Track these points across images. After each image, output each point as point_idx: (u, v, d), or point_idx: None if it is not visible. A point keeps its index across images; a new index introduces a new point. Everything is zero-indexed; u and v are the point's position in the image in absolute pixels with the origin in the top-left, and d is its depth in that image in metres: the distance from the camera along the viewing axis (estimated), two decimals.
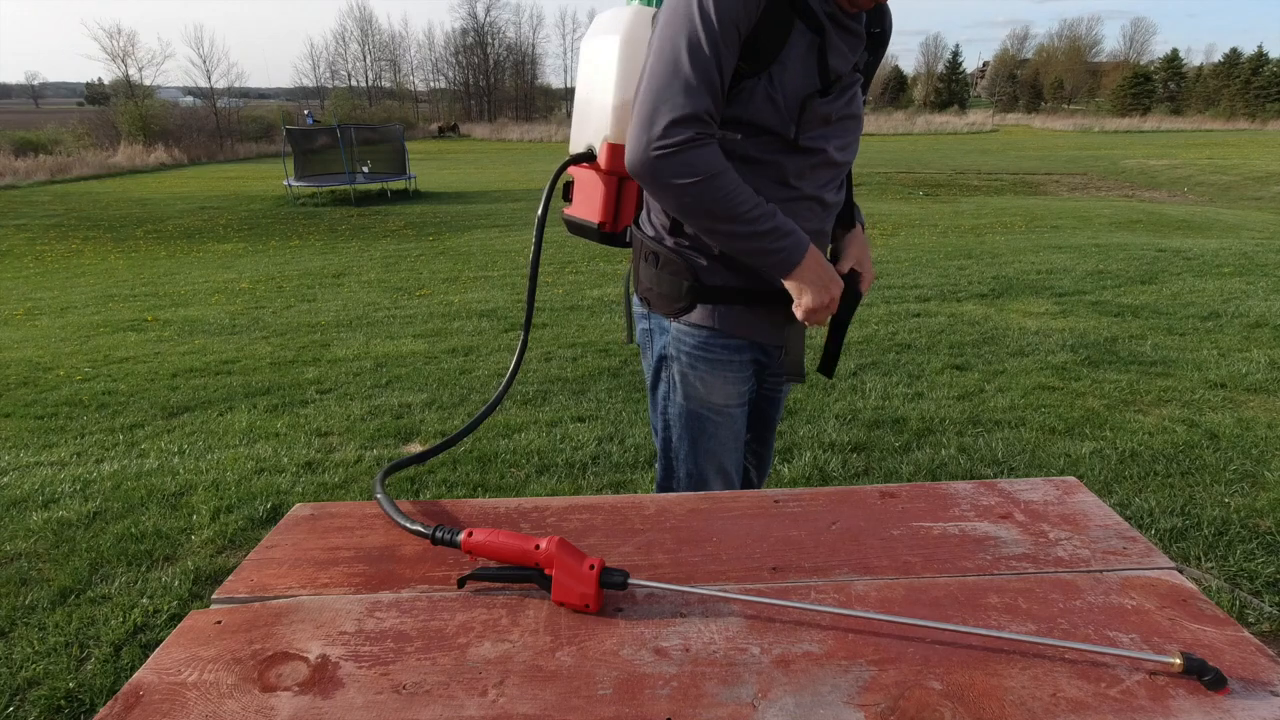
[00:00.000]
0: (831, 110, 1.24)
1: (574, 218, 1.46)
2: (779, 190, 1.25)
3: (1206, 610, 0.83)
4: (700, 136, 1.14)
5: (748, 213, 1.17)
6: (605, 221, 1.42)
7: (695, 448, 1.41)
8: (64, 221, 15.24)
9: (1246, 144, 31.04)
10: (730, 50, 1.14)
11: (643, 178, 1.18)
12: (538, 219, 1.39)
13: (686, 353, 1.36)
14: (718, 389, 1.38)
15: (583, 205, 1.43)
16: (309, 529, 1.05)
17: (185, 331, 5.87)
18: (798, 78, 1.18)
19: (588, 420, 3.50)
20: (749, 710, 0.71)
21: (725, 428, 1.41)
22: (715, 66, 1.13)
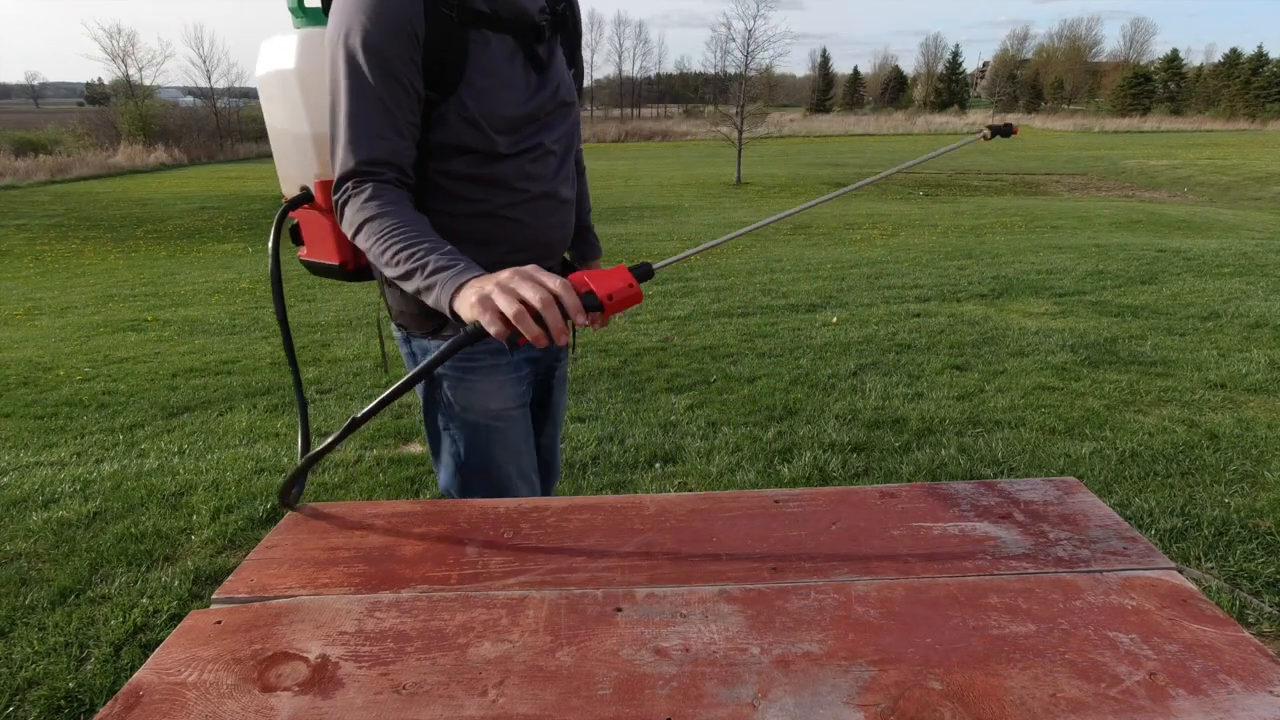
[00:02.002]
0: (538, 107, 1.22)
1: (313, 261, 1.40)
2: (509, 195, 1.23)
3: (1206, 610, 0.83)
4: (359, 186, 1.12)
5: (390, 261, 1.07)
6: (346, 260, 1.35)
7: (490, 459, 1.34)
8: (64, 221, 15.25)
9: (1246, 144, 31.05)
10: (391, 85, 1.10)
11: None
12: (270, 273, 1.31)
13: (452, 367, 1.30)
14: (494, 396, 1.32)
15: (317, 247, 1.37)
16: (309, 529, 1.05)
17: (185, 331, 5.87)
18: (493, 90, 1.16)
19: (588, 420, 3.50)
20: (749, 710, 0.71)
21: (511, 432, 1.36)
22: (380, 113, 1.10)
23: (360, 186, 1.12)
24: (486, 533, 1.03)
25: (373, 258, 1.10)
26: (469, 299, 0.96)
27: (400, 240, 1.07)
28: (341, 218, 1.14)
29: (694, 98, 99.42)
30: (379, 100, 1.10)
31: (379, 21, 1.07)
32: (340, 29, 1.09)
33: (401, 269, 1.06)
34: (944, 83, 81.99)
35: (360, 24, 1.07)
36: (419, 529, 1.04)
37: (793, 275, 7.15)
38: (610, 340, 4.90)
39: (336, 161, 1.13)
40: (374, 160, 1.12)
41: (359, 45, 1.08)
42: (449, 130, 1.16)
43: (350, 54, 1.09)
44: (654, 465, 3.00)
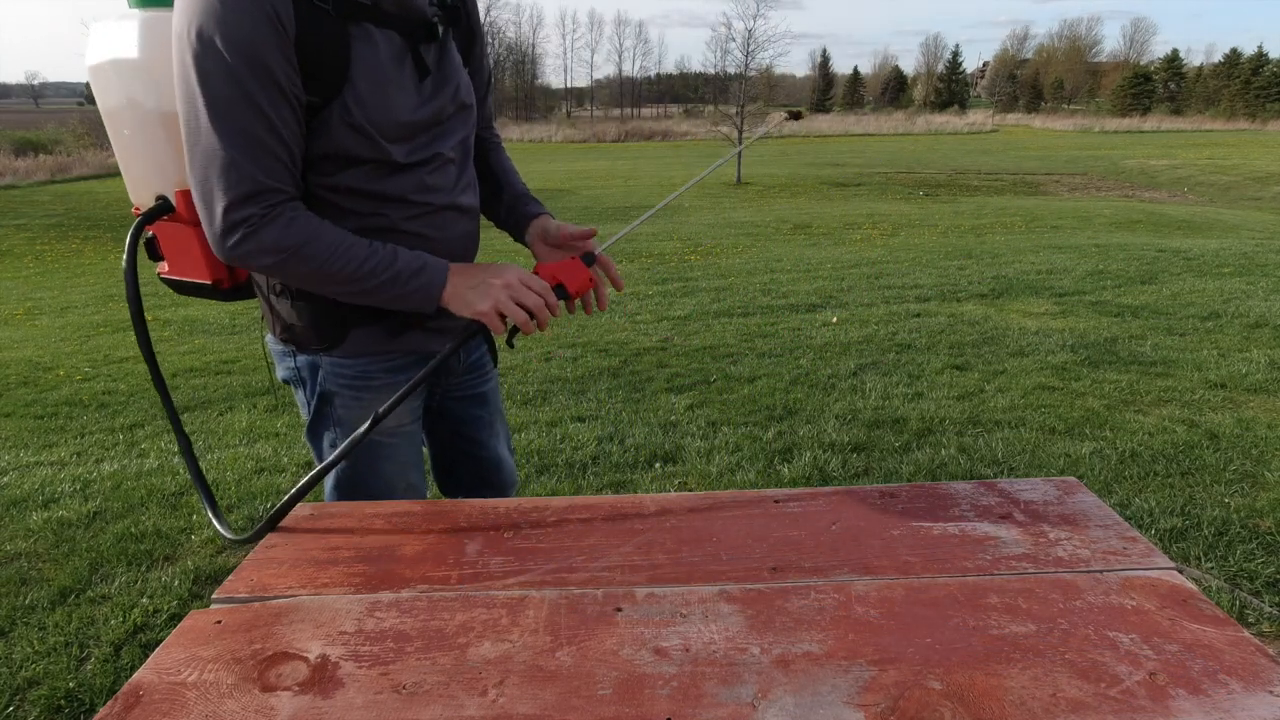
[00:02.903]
0: (435, 112, 1.11)
1: (177, 279, 1.23)
2: (408, 209, 1.12)
3: (1206, 610, 0.83)
4: (269, 210, 0.99)
5: (355, 271, 1.03)
6: (220, 278, 1.19)
7: (378, 474, 1.27)
8: (64, 221, 15.25)
9: (1246, 144, 31.05)
10: (273, 95, 0.95)
11: (228, 262, 1.03)
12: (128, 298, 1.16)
13: (347, 385, 1.21)
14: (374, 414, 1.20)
15: (182, 264, 1.20)
16: (309, 529, 1.05)
17: (185, 331, 5.87)
18: (381, 90, 1.04)
19: (588, 420, 3.50)
20: (749, 710, 0.71)
21: (403, 448, 1.28)
22: (260, 122, 0.96)
23: (275, 210, 0.99)
24: (486, 533, 1.03)
25: (321, 277, 1.03)
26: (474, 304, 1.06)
27: (358, 251, 1.03)
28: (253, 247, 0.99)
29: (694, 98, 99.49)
30: (258, 109, 0.95)
31: (239, 15, 0.91)
32: (191, 24, 0.91)
33: (372, 281, 1.04)
34: (944, 83, 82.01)
35: (218, 18, 0.90)
36: (419, 529, 1.04)
37: (793, 275, 7.15)
38: (610, 340, 4.90)
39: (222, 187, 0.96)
40: (274, 179, 0.99)
41: (223, 45, 0.91)
42: (333, 139, 1.03)
43: (214, 56, 0.92)
44: (654, 465, 3.00)
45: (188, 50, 0.92)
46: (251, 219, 0.98)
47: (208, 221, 1.00)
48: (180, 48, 0.93)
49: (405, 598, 0.89)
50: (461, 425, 1.42)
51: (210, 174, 0.97)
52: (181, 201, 1.13)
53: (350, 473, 1.26)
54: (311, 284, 1.07)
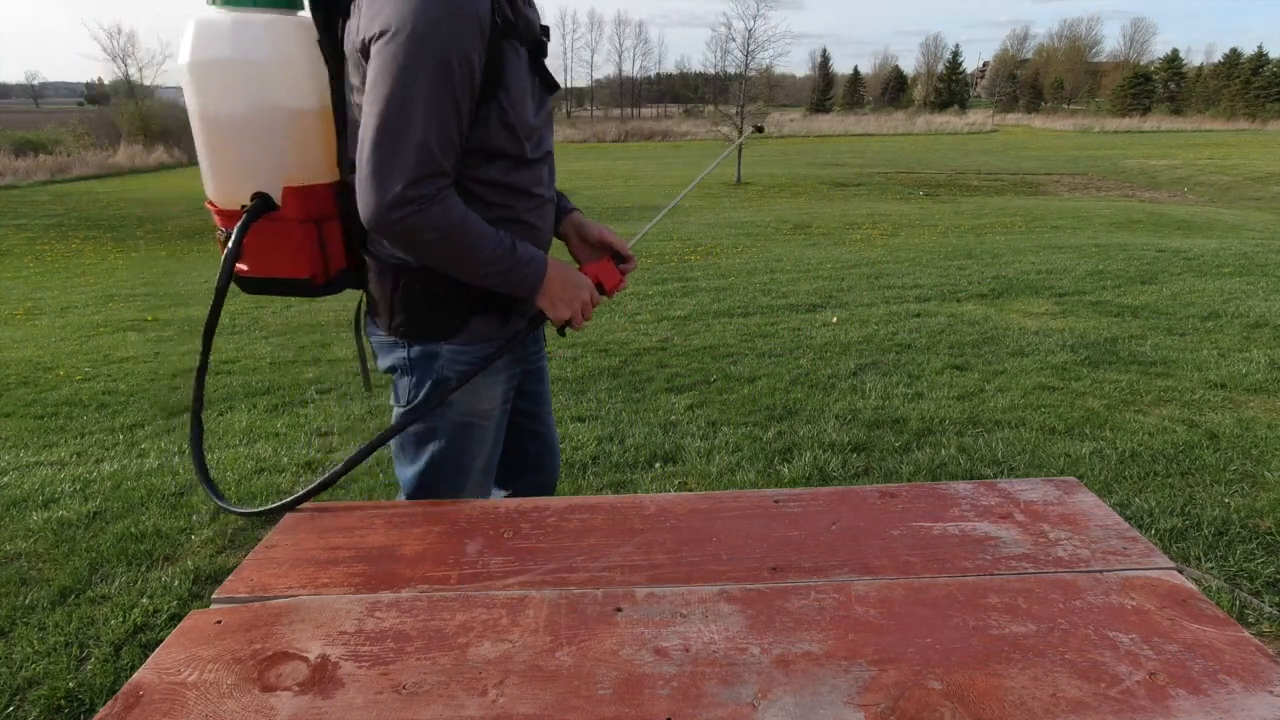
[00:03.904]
0: (546, 117, 1.27)
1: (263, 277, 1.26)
2: (527, 201, 1.26)
3: (1206, 610, 0.83)
4: (438, 191, 1.11)
5: (489, 253, 1.17)
6: (317, 273, 1.24)
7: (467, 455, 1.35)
8: (64, 221, 15.25)
9: (1246, 144, 31.05)
10: (466, 91, 1.10)
11: (382, 235, 1.14)
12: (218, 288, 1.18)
13: (458, 370, 1.29)
14: (487, 396, 1.34)
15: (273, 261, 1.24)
16: (309, 529, 1.05)
17: (185, 331, 5.87)
18: (523, 95, 1.19)
19: (588, 420, 3.50)
20: (749, 710, 0.71)
21: (493, 432, 1.38)
22: (454, 114, 1.10)
23: (442, 193, 1.11)
24: (486, 533, 1.03)
25: (458, 257, 1.15)
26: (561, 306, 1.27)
27: (490, 238, 1.17)
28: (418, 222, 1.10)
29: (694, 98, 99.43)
30: (455, 103, 1.09)
31: (466, 17, 1.06)
32: (408, 22, 1.04)
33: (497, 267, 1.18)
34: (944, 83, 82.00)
35: (435, 20, 1.05)
36: (419, 529, 1.04)
37: (793, 275, 7.15)
38: (610, 340, 4.90)
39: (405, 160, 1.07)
40: (446, 164, 1.12)
41: (438, 44, 1.05)
42: (488, 135, 1.17)
43: (430, 52, 1.05)
44: (654, 465, 3.00)
45: (403, 45, 1.04)
46: (424, 198, 1.09)
47: (378, 195, 1.08)
48: (395, 41, 1.05)
49: (405, 598, 0.89)
50: (522, 401, 1.51)
51: (399, 153, 1.07)
52: (291, 198, 1.18)
53: (448, 453, 1.32)
54: (447, 262, 1.18)
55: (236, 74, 1.11)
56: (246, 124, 1.14)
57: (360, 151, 1.09)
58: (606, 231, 1.41)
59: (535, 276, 1.22)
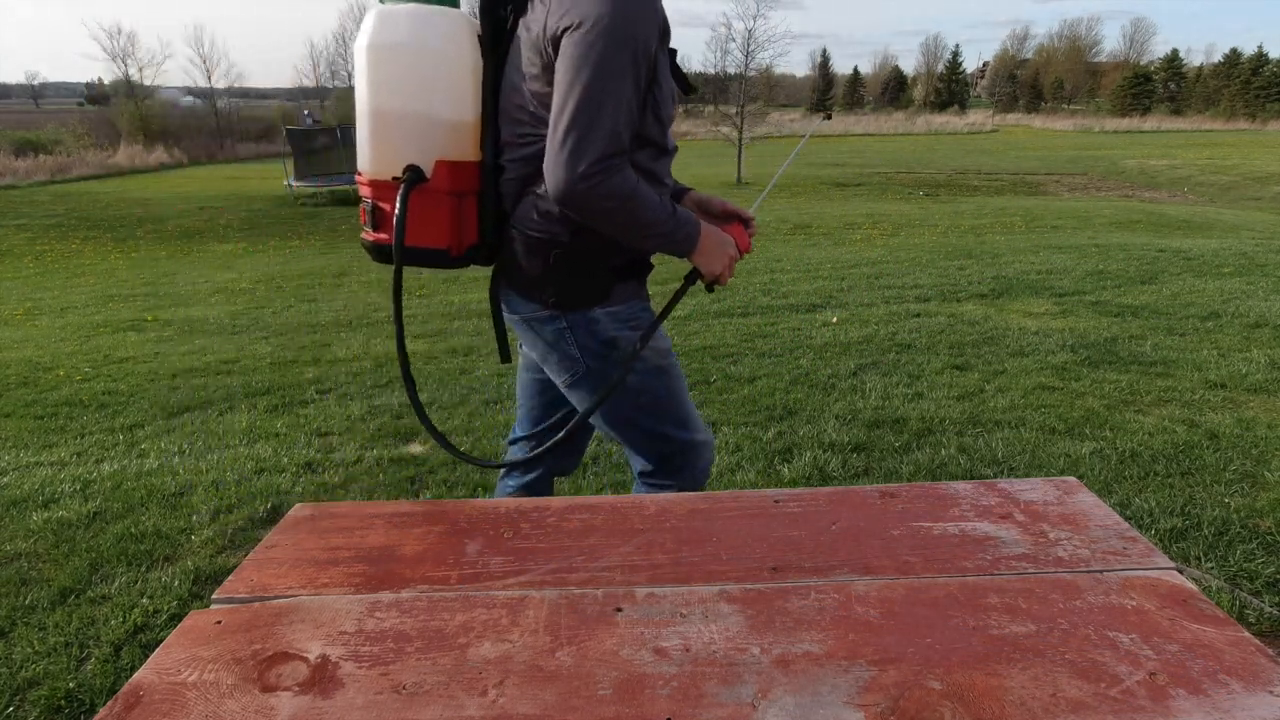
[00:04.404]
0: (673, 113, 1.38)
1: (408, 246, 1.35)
2: (659, 187, 1.40)
3: (1206, 610, 0.83)
4: (620, 163, 1.23)
5: (657, 217, 1.29)
6: (454, 244, 1.36)
7: (674, 391, 1.51)
8: (64, 221, 15.25)
9: (1246, 144, 31.04)
10: (644, 81, 1.23)
11: (569, 204, 1.24)
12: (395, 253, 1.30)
13: (625, 326, 1.43)
14: (664, 337, 1.50)
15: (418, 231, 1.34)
16: (309, 529, 1.05)
17: (185, 331, 5.87)
18: (668, 93, 1.32)
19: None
20: (749, 710, 0.71)
21: (678, 365, 1.54)
22: (635, 100, 1.23)
23: (622, 163, 1.23)
24: (486, 533, 1.03)
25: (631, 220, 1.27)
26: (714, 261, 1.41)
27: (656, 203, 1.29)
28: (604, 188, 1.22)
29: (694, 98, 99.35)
30: (637, 90, 1.22)
31: (653, 14, 1.21)
32: (606, 16, 1.17)
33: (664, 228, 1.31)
34: (944, 83, 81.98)
35: (641, 12, 1.19)
36: (419, 529, 1.04)
37: (793, 275, 7.15)
38: None
39: (598, 138, 1.20)
40: (628, 142, 1.24)
41: (634, 37, 1.19)
42: (645, 124, 1.29)
43: (634, 44, 1.19)
44: None
45: (601, 35, 1.17)
46: (610, 167, 1.21)
47: (570, 168, 1.20)
48: (594, 32, 1.18)
49: (405, 598, 0.89)
50: None
51: (593, 131, 1.19)
52: (442, 171, 1.30)
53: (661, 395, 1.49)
54: (623, 227, 1.29)
55: (409, 56, 1.26)
56: (412, 101, 1.28)
57: (554, 129, 1.21)
58: (728, 203, 1.57)
59: (693, 236, 1.36)
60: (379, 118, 1.30)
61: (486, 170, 1.36)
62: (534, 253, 1.38)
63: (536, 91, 1.28)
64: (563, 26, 1.20)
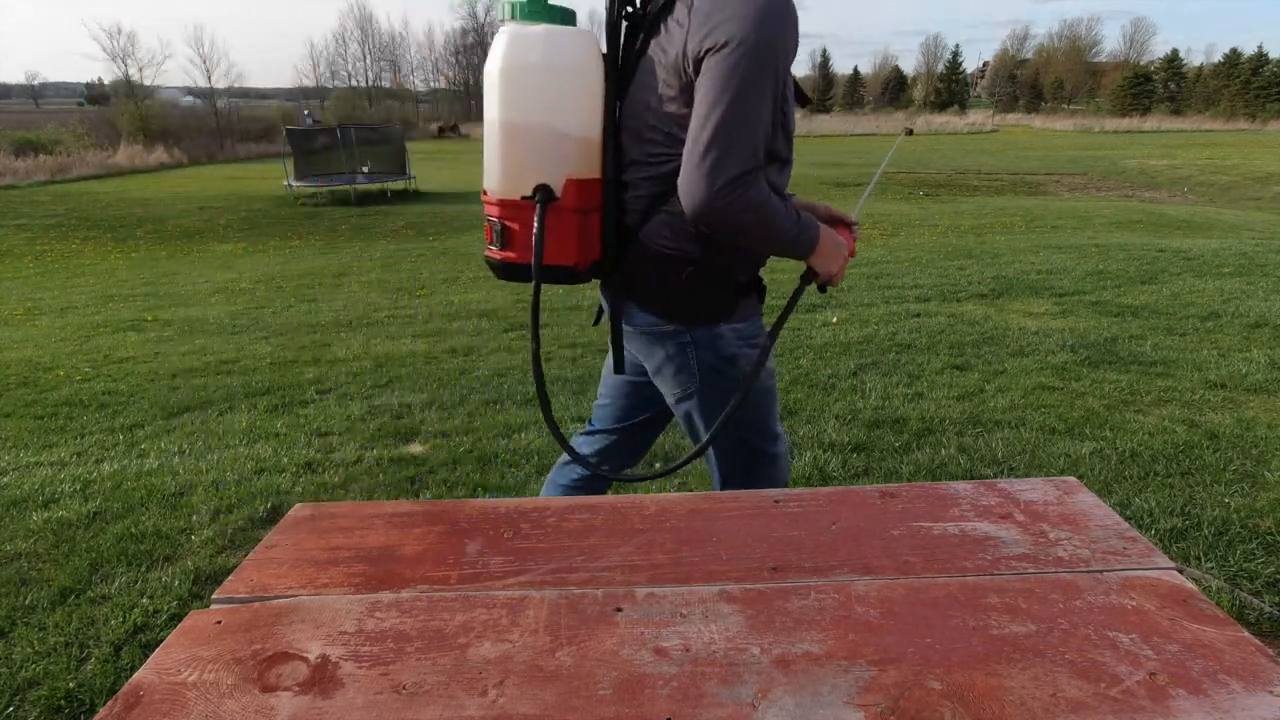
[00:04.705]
0: None
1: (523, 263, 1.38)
2: None
3: (1206, 610, 0.83)
4: (757, 176, 1.25)
5: (786, 225, 1.32)
6: (581, 262, 1.39)
7: (771, 413, 1.56)
8: (64, 221, 15.25)
9: (1246, 144, 31.04)
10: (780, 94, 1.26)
11: (706, 219, 1.25)
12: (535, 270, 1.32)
13: (746, 344, 1.47)
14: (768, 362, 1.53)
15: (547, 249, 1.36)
16: (309, 529, 1.05)
17: (185, 331, 5.87)
18: (791, 109, 1.34)
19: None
20: (749, 710, 0.71)
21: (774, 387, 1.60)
22: (772, 116, 1.26)
23: (758, 176, 1.26)
24: (486, 533, 1.03)
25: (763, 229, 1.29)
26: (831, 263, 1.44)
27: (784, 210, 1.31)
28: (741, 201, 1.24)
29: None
30: (774, 107, 1.25)
31: (792, 35, 1.24)
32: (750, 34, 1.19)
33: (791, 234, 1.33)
34: (944, 83, 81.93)
35: (782, 34, 1.22)
36: (419, 529, 1.04)
37: (793, 275, 7.14)
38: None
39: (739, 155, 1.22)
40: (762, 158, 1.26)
41: (778, 53, 1.22)
42: (774, 138, 1.31)
43: (776, 63, 1.22)
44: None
45: (746, 55, 1.19)
46: (748, 179, 1.24)
47: (710, 183, 1.22)
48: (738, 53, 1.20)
49: (405, 598, 0.89)
50: None
51: (736, 148, 1.22)
52: (571, 189, 1.32)
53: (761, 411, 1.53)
54: (755, 237, 1.31)
55: (545, 77, 1.28)
56: (544, 122, 1.30)
57: (694, 146, 1.23)
58: (831, 208, 1.62)
59: (814, 239, 1.38)
60: (512, 138, 1.31)
61: (609, 186, 1.38)
62: (663, 268, 1.40)
63: (673, 113, 1.30)
64: (706, 47, 1.21)
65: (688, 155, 1.24)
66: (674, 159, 1.31)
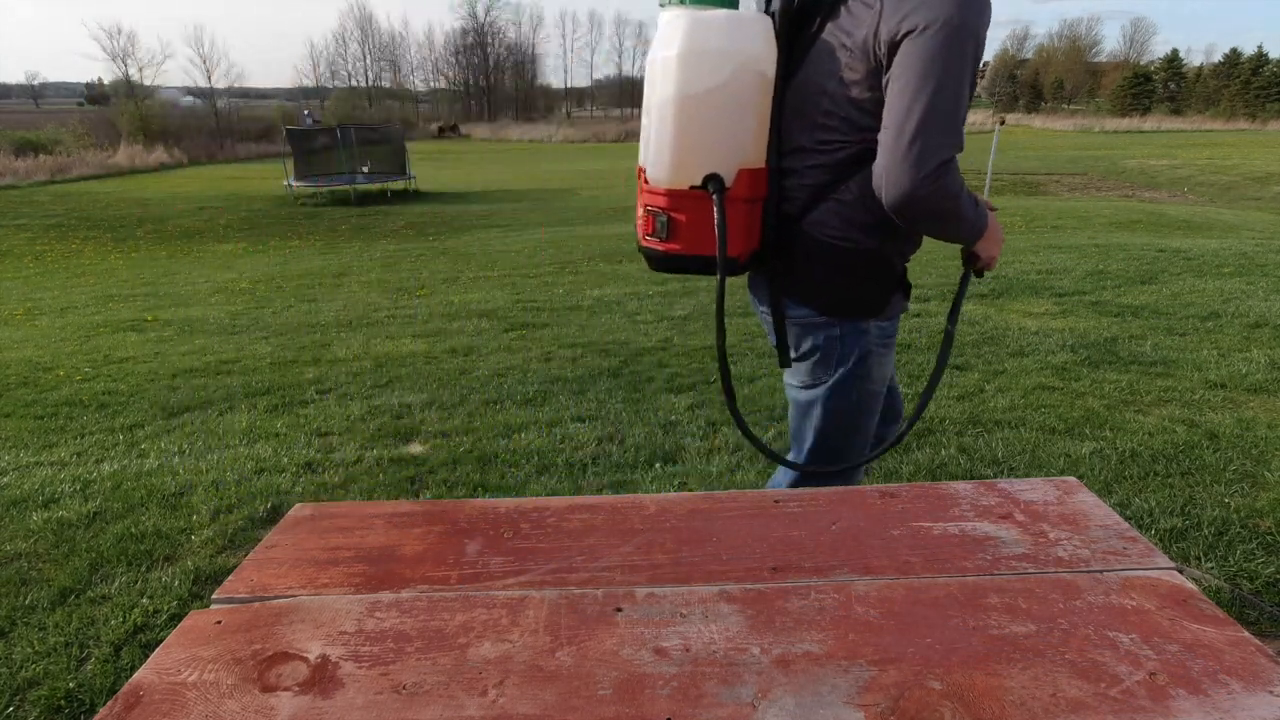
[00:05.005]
0: None
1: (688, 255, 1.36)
2: None
3: (1206, 610, 0.83)
4: (955, 162, 1.23)
5: (970, 210, 1.31)
6: (742, 254, 1.36)
7: (864, 423, 1.53)
8: (64, 221, 15.25)
9: (1246, 144, 31.04)
10: None
11: (910, 207, 1.23)
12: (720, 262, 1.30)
13: (882, 344, 1.46)
14: (889, 366, 1.53)
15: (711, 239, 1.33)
16: (309, 529, 1.05)
17: (185, 331, 5.87)
18: None
19: (588, 420, 3.50)
20: (749, 710, 0.71)
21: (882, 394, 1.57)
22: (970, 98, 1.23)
23: (956, 162, 1.24)
24: (486, 533, 1.03)
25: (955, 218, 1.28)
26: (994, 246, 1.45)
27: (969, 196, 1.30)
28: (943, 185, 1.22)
29: None
30: (972, 88, 1.22)
31: (988, 16, 1.22)
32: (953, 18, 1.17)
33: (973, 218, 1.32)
34: None
35: (982, 15, 1.19)
36: (419, 529, 1.04)
37: None
38: (610, 340, 4.90)
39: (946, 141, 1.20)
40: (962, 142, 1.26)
41: (979, 35, 1.19)
42: None
43: (975, 45, 1.19)
44: (654, 465, 3.00)
45: (950, 37, 1.17)
46: (951, 165, 1.22)
47: (917, 171, 1.20)
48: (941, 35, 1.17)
49: (405, 598, 0.89)
50: None
51: (945, 134, 1.19)
52: (744, 179, 1.30)
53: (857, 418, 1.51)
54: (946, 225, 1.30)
55: (728, 63, 1.23)
56: (724, 110, 1.26)
57: (898, 133, 1.19)
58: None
59: (986, 223, 1.38)
60: (689, 127, 1.27)
61: (773, 175, 1.35)
62: (828, 258, 1.37)
63: (855, 98, 1.26)
64: (904, 30, 1.18)
65: (890, 143, 1.20)
66: (849, 145, 1.29)
